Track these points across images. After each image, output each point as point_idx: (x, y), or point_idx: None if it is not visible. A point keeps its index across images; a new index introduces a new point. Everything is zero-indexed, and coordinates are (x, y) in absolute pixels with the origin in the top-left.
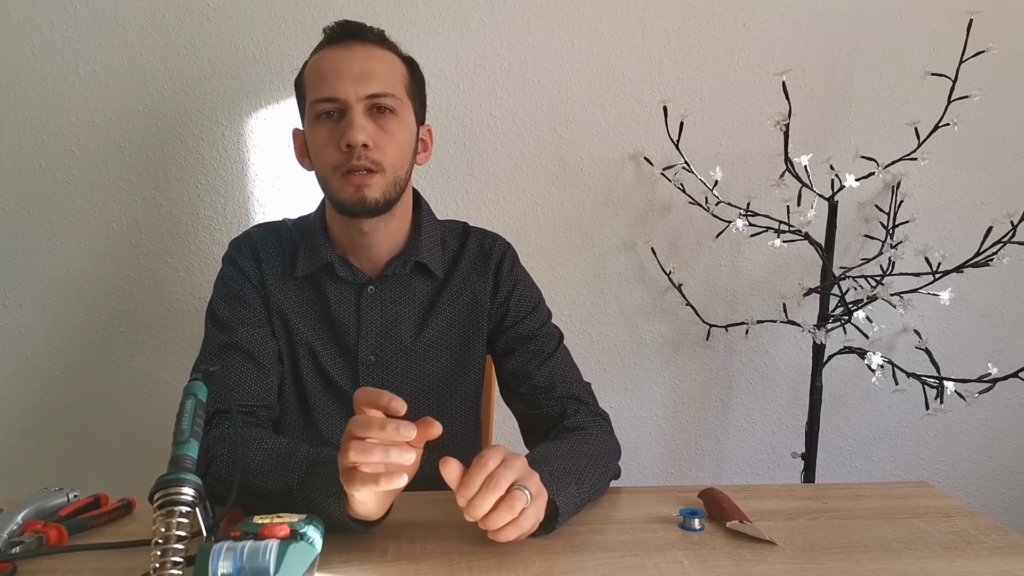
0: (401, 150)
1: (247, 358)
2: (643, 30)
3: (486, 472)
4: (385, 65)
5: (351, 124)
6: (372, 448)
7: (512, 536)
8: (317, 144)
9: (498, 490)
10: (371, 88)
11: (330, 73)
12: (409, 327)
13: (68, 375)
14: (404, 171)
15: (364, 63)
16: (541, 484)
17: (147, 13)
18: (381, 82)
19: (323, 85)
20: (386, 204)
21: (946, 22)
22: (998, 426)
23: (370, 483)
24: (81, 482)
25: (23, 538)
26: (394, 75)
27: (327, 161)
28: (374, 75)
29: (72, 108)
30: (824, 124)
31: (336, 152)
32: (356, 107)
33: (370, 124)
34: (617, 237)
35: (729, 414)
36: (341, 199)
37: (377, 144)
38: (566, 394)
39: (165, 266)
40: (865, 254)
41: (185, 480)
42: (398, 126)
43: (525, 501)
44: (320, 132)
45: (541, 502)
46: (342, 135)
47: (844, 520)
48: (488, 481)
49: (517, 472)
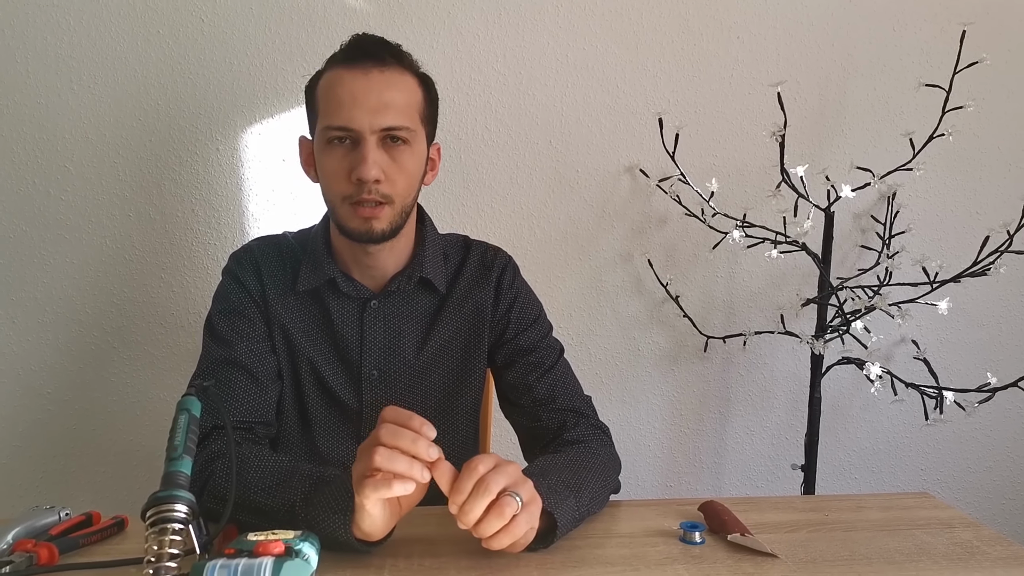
0: (411, 181)
1: (246, 374)
2: (638, 43)
3: (476, 476)
4: (401, 94)
5: (364, 160)
6: (398, 458)
7: (504, 543)
8: (327, 170)
9: (488, 494)
10: (386, 121)
11: (346, 101)
12: (412, 341)
13: (61, 392)
14: (411, 198)
15: (381, 93)
16: (535, 491)
17: (141, 28)
18: (397, 115)
19: (338, 113)
20: (392, 232)
21: (939, 33)
22: (998, 436)
23: (383, 487)
24: (73, 500)
25: (13, 557)
26: (410, 105)
27: (336, 190)
28: (390, 107)
29: (66, 124)
30: (819, 135)
31: (346, 183)
32: (370, 140)
33: (383, 156)
34: (613, 249)
35: (728, 426)
36: (348, 228)
37: (388, 176)
38: (566, 407)
39: (159, 282)
40: (862, 264)
41: (178, 497)
42: (410, 157)
43: (516, 507)
44: (331, 159)
45: (534, 509)
46: (353, 167)
47: (845, 532)
48: (478, 486)
49: (508, 478)
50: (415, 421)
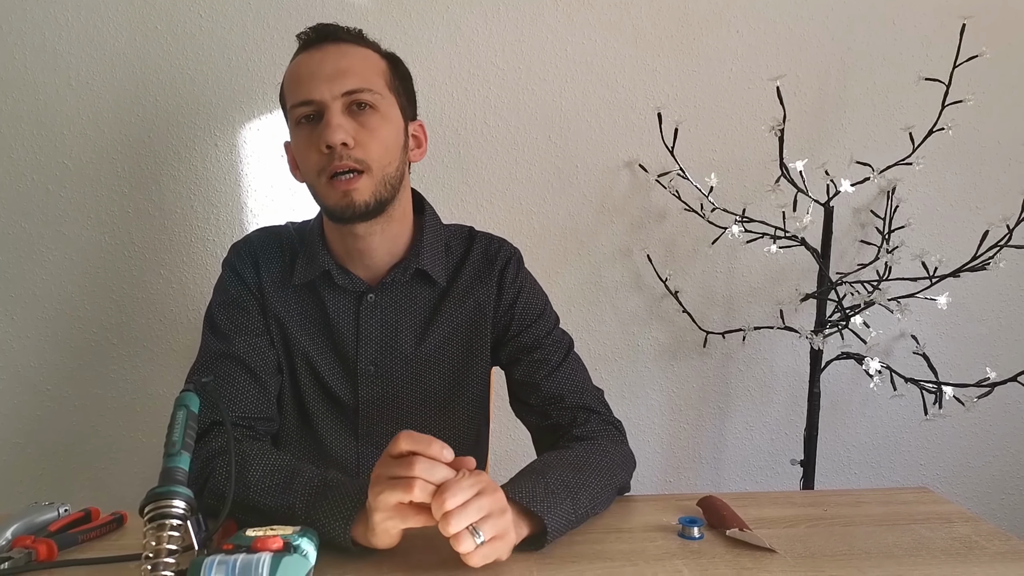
0: (386, 146)
1: (245, 370)
2: (636, 37)
3: (442, 511)
4: (360, 61)
5: (328, 124)
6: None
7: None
8: (300, 150)
9: (448, 532)
10: (346, 85)
11: (304, 76)
12: (410, 336)
13: (59, 388)
14: (393, 168)
15: (337, 61)
16: (506, 526)
17: (139, 24)
18: (356, 78)
19: (298, 89)
20: (378, 205)
21: (939, 27)
22: (997, 431)
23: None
24: (72, 496)
25: (12, 554)
26: (371, 70)
27: (311, 166)
28: (348, 72)
29: (64, 120)
30: (818, 129)
31: (318, 155)
32: (333, 106)
33: (349, 122)
34: (613, 244)
35: (727, 421)
36: (329, 205)
37: (359, 142)
38: (576, 404)
39: (158, 278)
40: (861, 259)
41: (176, 493)
42: (380, 121)
43: (471, 546)
44: (301, 137)
45: (498, 545)
46: (320, 136)
47: (845, 527)
48: (442, 521)
49: (475, 516)
50: (433, 449)
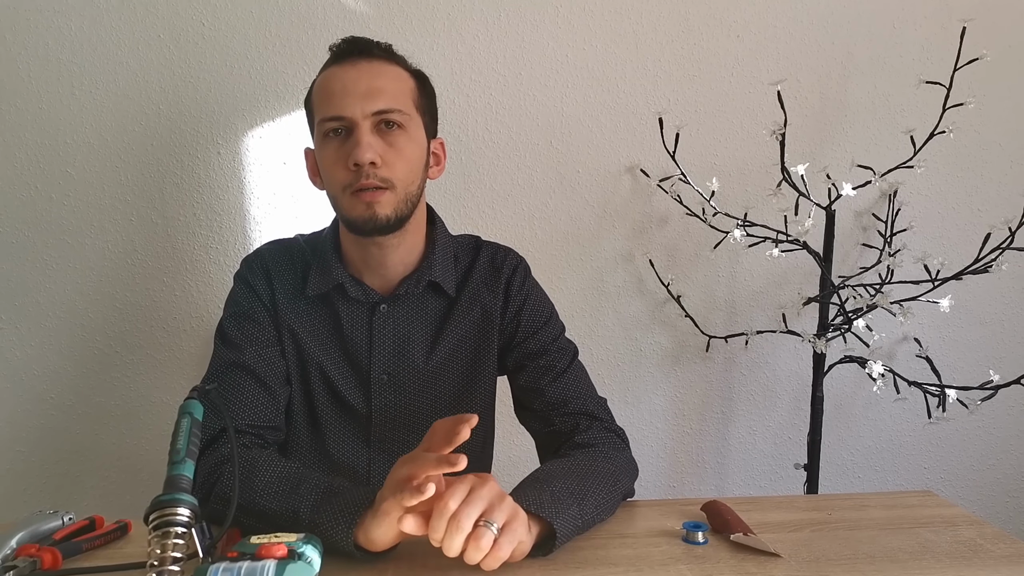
0: (411, 166)
1: (255, 379)
2: (637, 42)
3: (447, 515)
4: (391, 81)
5: (358, 143)
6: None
7: (494, 566)
8: (326, 163)
9: (461, 531)
10: (377, 104)
11: (336, 91)
12: (421, 345)
13: (63, 396)
14: (415, 187)
15: (371, 80)
16: (514, 509)
17: (142, 33)
18: (388, 98)
19: (330, 104)
20: (398, 221)
21: (939, 30)
22: (1001, 433)
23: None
24: (76, 504)
25: (17, 562)
26: (401, 90)
27: (336, 181)
28: (381, 91)
29: (67, 129)
30: (820, 133)
31: (345, 171)
32: (363, 125)
33: (378, 141)
34: (615, 249)
35: (730, 426)
36: (352, 217)
37: (386, 161)
38: (579, 410)
39: (162, 286)
40: (864, 263)
41: (181, 500)
42: (407, 141)
43: (491, 537)
44: (328, 151)
45: (516, 527)
46: (349, 154)
47: (849, 531)
48: (451, 524)
49: (480, 506)
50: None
